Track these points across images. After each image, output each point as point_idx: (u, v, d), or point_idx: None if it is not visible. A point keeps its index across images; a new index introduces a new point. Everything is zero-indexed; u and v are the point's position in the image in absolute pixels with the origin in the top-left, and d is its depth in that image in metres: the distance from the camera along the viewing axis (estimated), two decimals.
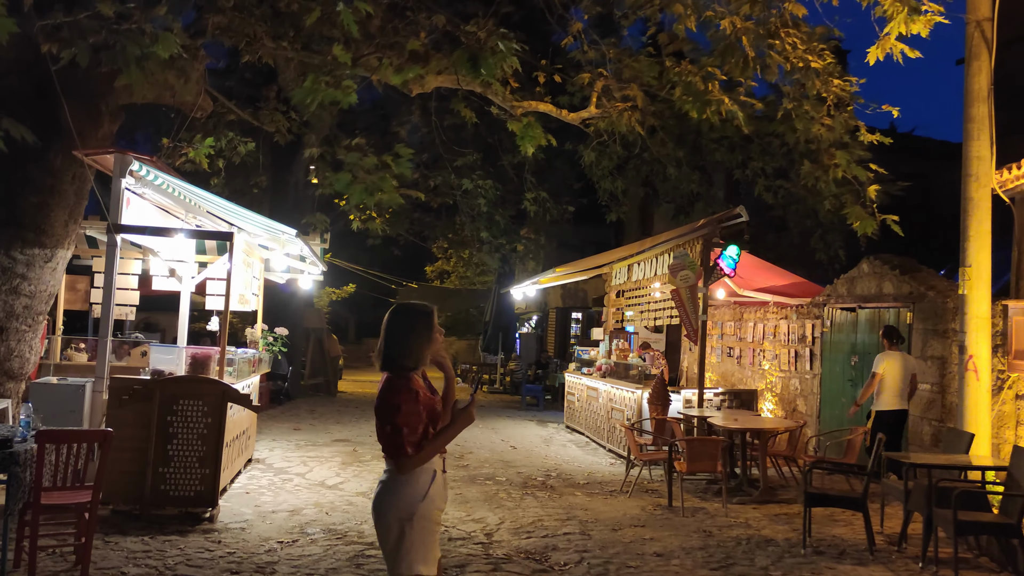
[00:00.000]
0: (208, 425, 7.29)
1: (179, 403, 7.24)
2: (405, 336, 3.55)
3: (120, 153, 7.53)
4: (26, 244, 7.77)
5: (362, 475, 9.68)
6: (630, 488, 9.30)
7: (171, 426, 7.22)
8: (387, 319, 3.61)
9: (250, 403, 7.37)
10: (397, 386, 3.47)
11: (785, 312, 12.14)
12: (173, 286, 10.21)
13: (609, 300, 15.84)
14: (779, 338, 12.29)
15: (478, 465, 10.70)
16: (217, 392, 7.33)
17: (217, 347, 7.81)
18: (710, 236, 11.12)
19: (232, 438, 8.27)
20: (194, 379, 7.35)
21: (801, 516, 8.08)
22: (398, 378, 3.50)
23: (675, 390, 11.25)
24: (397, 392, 3.45)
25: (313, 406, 17.27)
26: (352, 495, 8.59)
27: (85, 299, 10.52)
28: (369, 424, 14.37)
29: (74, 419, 7.36)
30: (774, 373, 12.39)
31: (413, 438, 3.44)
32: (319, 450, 11.38)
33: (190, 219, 8.99)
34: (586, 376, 14.08)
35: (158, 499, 7.16)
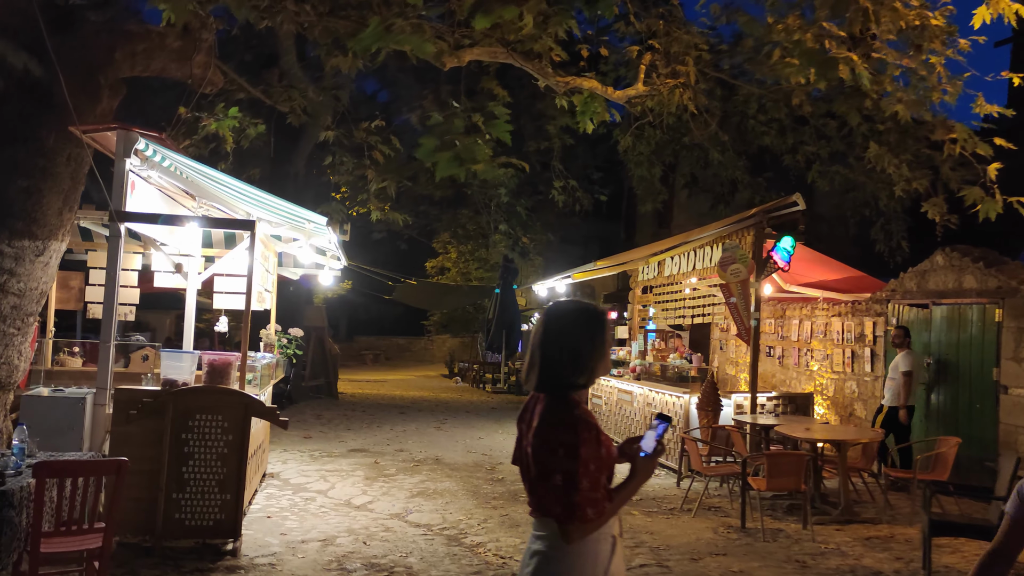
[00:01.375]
0: (229, 443, 6.30)
1: (195, 418, 6.25)
2: (579, 343, 2.60)
3: (124, 129, 6.52)
4: (14, 235, 6.74)
5: (391, 492, 8.71)
6: (692, 506, 8.38)
7: (186, 445, 6.23)
8: (549, 320, 2.66)
9: (276, 417, 6.39)
10: (571, 418, 2.51)
11: (838, 309, 11.25)
12: (178, 283, 9.19)
13: (634, 297, 14.92)
14: (831, 337, 11.41)
15: (513, 479, 9.74)
16: (239, 405, 6.34)
17: (234, 352, 6.81)
18: (762, 226, 10.24)
19: (250, 455, 7.30)
20: (213, 390, 6.36)
21: (899, 541, 7.21)
22: (569, 406, 2.55)
23: (724, 394, 10.33)
24: (572, 427, 2.49)
25: (318, 410, 16.25)
26: (386, 518, 7.62)
27: (79, 298, 9.47)
28: (384, 431, 13.40)
29: (72, 438, 6.35)
30: (825, 375, 11.50)
31: (594, 494, 2.48)
32: (336, 462, 10.39)
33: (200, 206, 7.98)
34: (616, 378, 13.15)
35: (172, 529, 6.17)
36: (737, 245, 10.30)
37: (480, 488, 9.07)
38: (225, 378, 6.55)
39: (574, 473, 2.44)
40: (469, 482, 9.40)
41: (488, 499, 8.53)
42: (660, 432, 2.65)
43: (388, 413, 16.27)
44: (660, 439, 2.64)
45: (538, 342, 2.65)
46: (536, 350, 2.64)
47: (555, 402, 2.57)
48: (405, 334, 44.93)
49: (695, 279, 12.49)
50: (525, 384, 2.71)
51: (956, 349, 9.22)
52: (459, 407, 18.20)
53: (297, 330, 9.62)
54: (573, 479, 2.44)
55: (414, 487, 9.00)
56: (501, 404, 19.52)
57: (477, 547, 6.78)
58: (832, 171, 10.60)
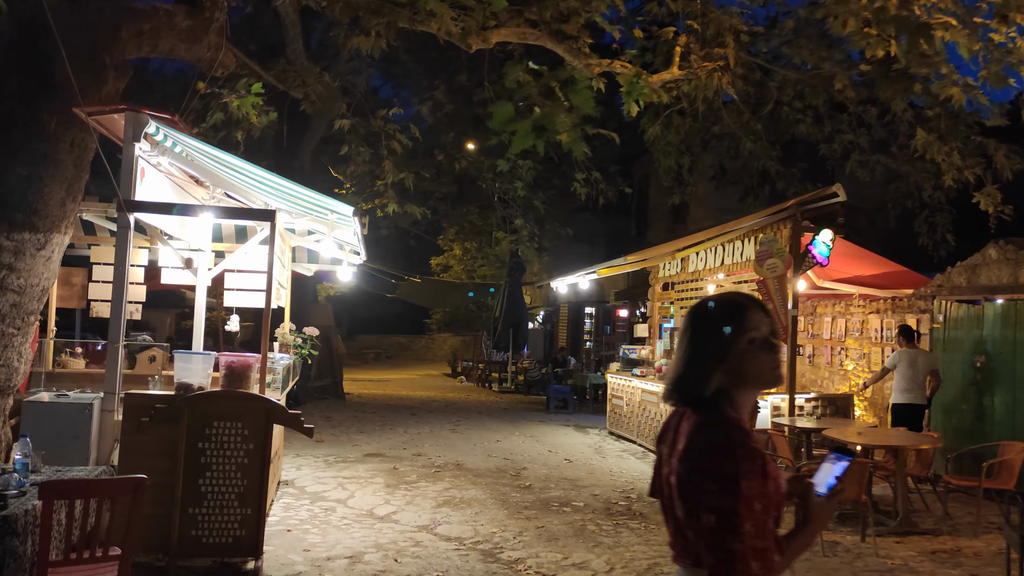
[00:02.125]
0: (249, 453, 5.78)
1: (213, 425, 5.73)
2: (735, 345, 2.07)
3: (133, 111, 6.01)
4: (14, 227, 6.21)
5: (415, 502, 8.18)
6: None
7: (203, 455, 5.70)
8: (697, 318, 2.14)
9: (301, 424, 5.87)
10: (729, 441, 1.97)
11: (876, 305, 10.74)
12: (186, 280, 8.66)
13: (654, 294, 14.41)
14: (868, 335, 10.91)
15: (541, 485, 9.23)
16: (260, 411, 5.82)
17: (251, 353, 6.29)
18: (799, 219, 9.74)
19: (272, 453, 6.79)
20: (232, 395, 5.83)
21: (967, 555, 6.72)
22: (726, 424, 2.02)
23: (760, 396, 9.82)
24: (730, 453, 1.94)
25: (326, 411, 15.73)
26: (413, 530, 7.10)
27: (81, 295, 8.93)
28: (397, 433, 12.88)
29: (78, 447, 5.82)
30: (861, 375, 11.00)
31: (760, 543, 1.92)
32: (353, 468, 9.87)
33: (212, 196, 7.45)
34: (639, 378, 12.64)
35: (188, 547, 5.65)
36: (774, 239, 9.81)
37: (509, 497, 8.55)
38: (244, 381, 6.02)
39: (734, 514, 1.90)
40: (496, 490, 8.88)
41: (519, 508, 8.01)
42: (840, 469, 2.13)
43: (399, 414, 15.75)
44: (841, 477, 2.12)
45: (684, 345, 2.13)
46: (681, 354, 2.12)
47: (707, 419, 2.04)
48: (406, 333, 44.45)
49: (722, 275, 12.00)
50: (667, 397, 2.19)
51: (1012, 347, 8.71)
52: (470, 408, 17.69)
53: (312, 329, 9.09)
54: (732, 522, 1.90)
55: (439, 495, 8.48)
56: (512, 404, 19.01)
57: (516, 564, 6.27)
58: (872, 160, 10.09)
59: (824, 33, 9.16)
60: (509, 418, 15.97)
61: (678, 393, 2.13)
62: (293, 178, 15.83)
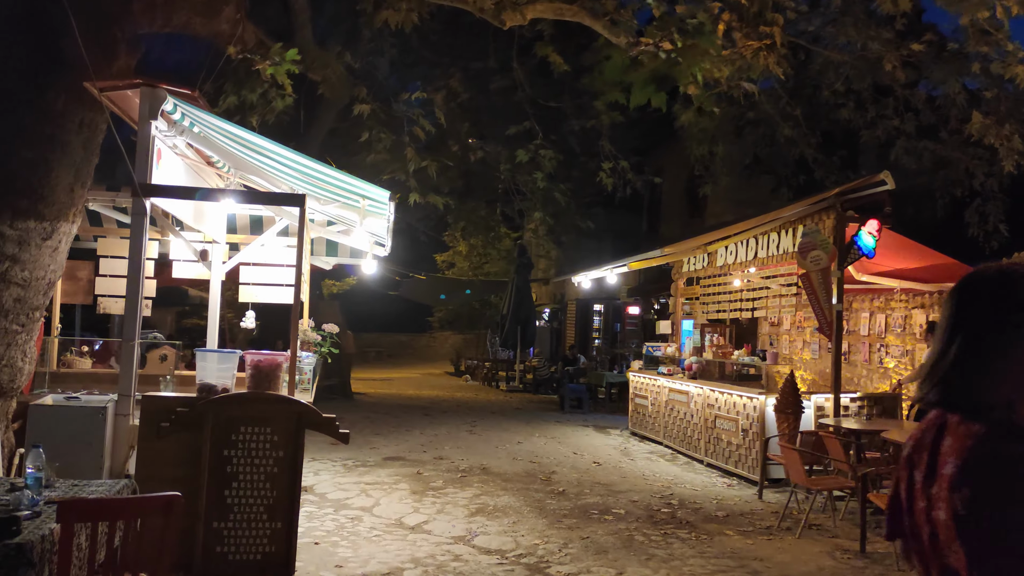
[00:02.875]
0: (279, 461, 5.26)
1: (240, 431, 5.21)
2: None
3: (150, 86, 5.48)
4: (17, 215, 5.69)
5: (446, 510, 7.67)
6: (790, 524, 7.39)
7: (229, 463, 5.18)
8: (964, 296, 1.62)
9: (336, 429, 5.35)
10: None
11: (921, 300, 10.25)
12: (200, 273, 8.14)
13: (677, 289, 13.91)
14: (911, 331, 10.41)
15: (576, 491, 8.72)
16: (290, 415, 5.30)
17: (280, 352, 5.76)
18: (844, 209, 9.25)
19: None
20: (261, 398, 5.31)
21: None
22: (1019, 442, 1.49)
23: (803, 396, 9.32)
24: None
25: (336, 412, 14.94)
26: (449, 542, 6.58)
27: (87, 291, 8.39)
28: (414, 435, 12.36)
29: (91, 456, 5.30)
30: (904, 372, 10.50)
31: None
32: (374, 472, 9.36)
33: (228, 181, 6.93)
34: (665, 377, 12.13)
35: (213, 565, 5.12)
36: (817, 230, 9.31)
37: (545, 504, 8.04)
38: (273, 382, 5.50)
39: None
40: (529, 496, 8.37)
41: (558, 517, 7.50)
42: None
43: (411, 415, 15.23)
44: None
45: (948, 331, 1.61)
46: (952, 345, 1.59)
47: (994, 431, 1.51)
48: (406, 331, 43.99)
49: (753, 269, 11.50)
50: (921, 399, 1.66)
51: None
52: (482, 408, 17.18)
53: (332, 326, 8.55)
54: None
55: (470, 503, 7.97)
56: (523, 404, 18.52)
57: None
58: (920, 147, 9.59)
59: (871, 12, 8.67)
60: (524, 418, 15.46)
61: (945, 395, 1.60)
62: None
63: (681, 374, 11.97)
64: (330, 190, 6.08)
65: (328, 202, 6.15)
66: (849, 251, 9.17)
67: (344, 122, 10.72)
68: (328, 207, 6.21)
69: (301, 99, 9.27)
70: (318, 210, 6.52)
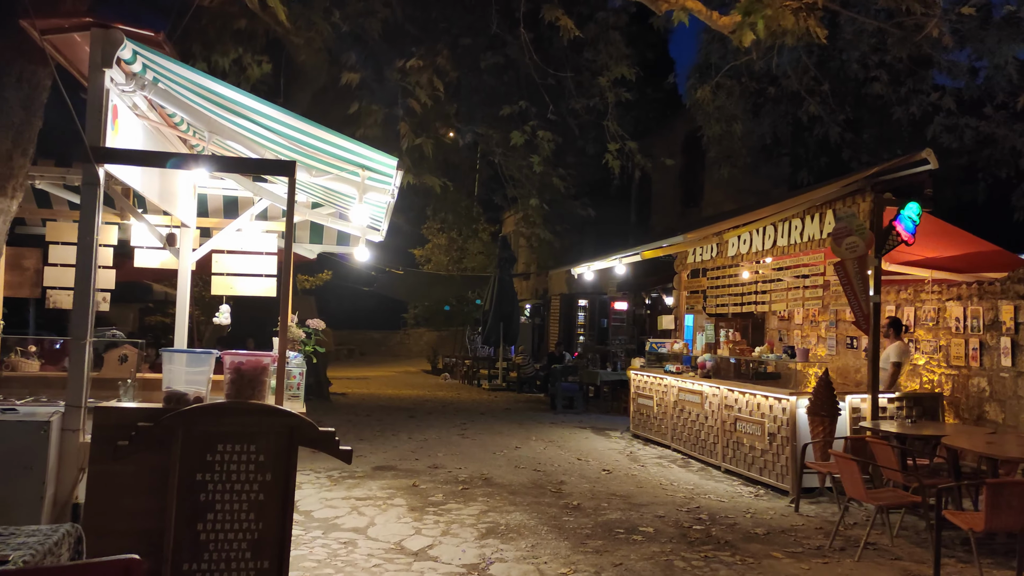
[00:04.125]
0: (266, 486, 4.28)
1: (217, 450, 4.21)
2: None
3: (102, 27, 4.46)
4: None
5: (451, 530, 6.71)
6: (843, 542, 6.54)
7: (204, 490, 4.19)
8: None
9: (336, 447, 4.38)
10: None
11: (957, 291, 9.47)
12: (166, 262, 7.11)
13: (681, 282, 13.05)
14: (945, 324, 9.63)
15: (592, 504, 7.81)
16: (281, 429, 4.32)
17: (266, 352, 4.77)
18: (882, 190, 8.44)
19: None
20: (244, 408, 4.32)
21: None
22: None
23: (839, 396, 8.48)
24: None
25: (315, 416, 13.91)
26: (461, 572, 5.63)
27: (35, 282, 7.30)
28: (401, 440, 11.39)
29: (30, 483, 4.28)
30: (937, 370, 9.73)
31: None
32: (364, 486, 8.38)
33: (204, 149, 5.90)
34: (674, 375, 11.27)
35: None
36: (853, 214, 8.49)
37: (562, 521, 7.11)
38: (257, 389, 4.52)
39: None
40: (541, 511, 7.44)
41: (581, 538, 6.57)
42: None
43: (395, 417, 14.23)
44: None
45: None
46: None
47: None
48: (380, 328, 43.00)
49: (770, 259, 10.67)
50: None
51: None
52: (469, 409, 16.21)
53: (318, 322, 7.56)
54: None
55: (477, 521, 7.02)
56: (511, 404, 17.59)
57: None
58: (961, 123, 8.78)
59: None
60: (516, 420, 14.53)
61: None
62: None
63: (691, 372, 11.11)
64: (324, 160, 5.11)
65: (321, 173, 5.17)
66: (887, 237, 8.36)
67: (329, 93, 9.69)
68: (321, 179, 5.22)
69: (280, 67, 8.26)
70: (309, 184, 5.54)
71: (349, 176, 5.16)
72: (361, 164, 4.97)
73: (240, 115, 4.86)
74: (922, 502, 6.23)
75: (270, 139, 5.04)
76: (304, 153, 5.07)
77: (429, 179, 9.27)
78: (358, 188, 5.08)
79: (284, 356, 4.55)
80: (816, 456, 8.04)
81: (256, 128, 4.98)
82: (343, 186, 5.26)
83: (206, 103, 4.84)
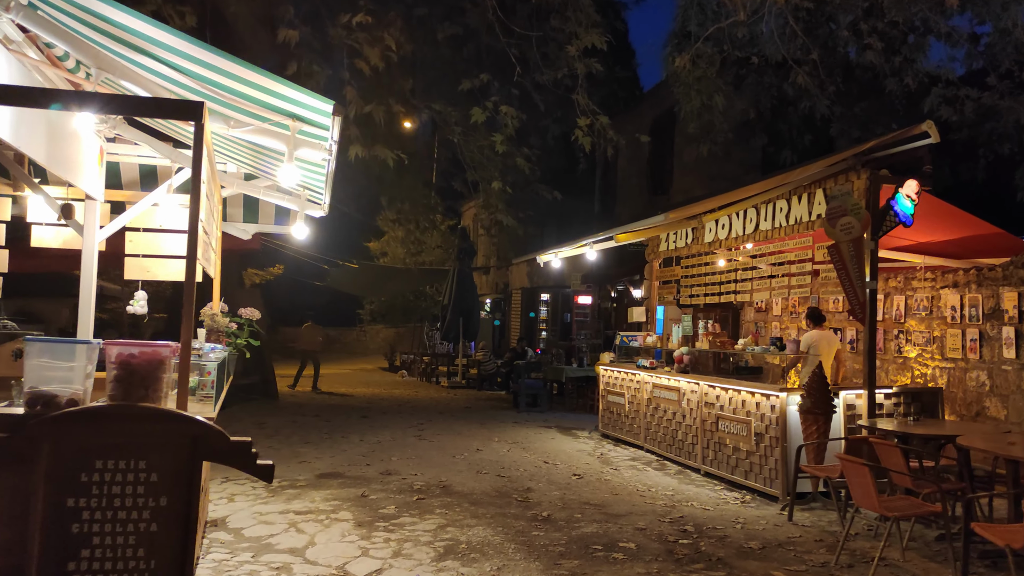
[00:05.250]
0: (160, 513, 3.34)
1: (95, 468, 3.27)
2: None
3: None
4: None
5: (404, 550, 5.80)
6: (853, 560, 5.77)
7: (77, 519, 3.24)
8: None
9: (253, 461, 3.45)
10: None
11: (953, 278, 8.80)
12: (67, 239, 6.09)
13: (652, 271, 12.26)
14: (940, 314, 8.96)
15: (564, 516, 6.95)
16: (180, 441, 3.38)
17: (165, 343, 3.80)
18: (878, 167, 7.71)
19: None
20: (131, 414, 3.36)
21: None
22: None
23: None
24: None
25: (257, 415, 13.12)
26: None
27: None
28: (352, 443, 10.44)
29: None
30: (930, 363, 9.06)
31: None
32: (306, 496, 7.41)
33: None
34: (647, 370, 10.47)
35: None
36: (848, 192, 7.74)
37: (531, 537, 6.23)
38: (153, 389, 3.56)
39: None
40: (507, 525, 6.56)
41: (554, 557, 5.70)
42: None
43: (347, 418, 13.24)
44: None
45: None
46: None
47: None
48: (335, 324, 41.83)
49: (750, 245, 9.92)
50: None
51: None
52: (427, 407, 15.28)
53: (252, 311, 6.61)
54: None
55: (435, 539, 6.11)
56: (471, 402, 16.70)
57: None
58: (961, 95, 8.07)
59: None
60: (477, 419, 13.64)
61: None
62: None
63: (666, 367, 10.32)
64: (245, 109, 4.15)
65: (240, 125, 4.22)
66: (885, 218, 7.63)
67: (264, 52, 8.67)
68: (240, 131, 4.26)
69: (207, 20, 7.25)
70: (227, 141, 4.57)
71: (276, 129, 4.22)
72: (290, 113, 4.03)
73: (137, 48, 3.89)
74: (942, 512, 5.46)
75: (175, 80, 4.07)
76: (220, 100, 4.11)
77: (380, 150, 8.34)
78: (287, 143, 4.15)
79: (188, 346, 3.60)
80: (809, 458, 7.29)
81: (158, 67, 4.01)
82: (271, 141, 4.32)
83: (93, 33, 3.86)
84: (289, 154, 4.13)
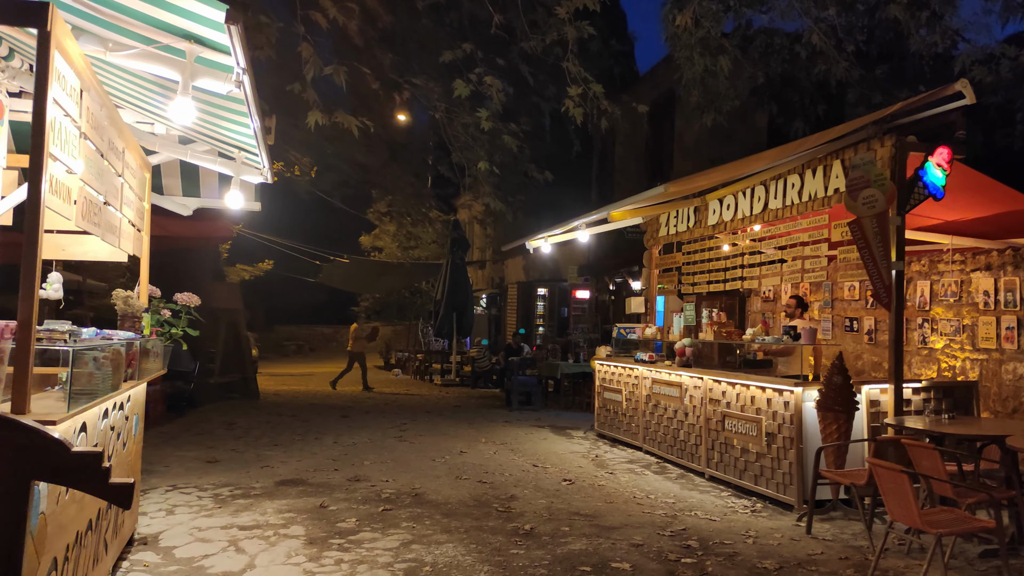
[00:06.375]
0: None
1: None
2: None
3: None
4: None
5: (357, 572, 4.91)
6: None
7: None
8: None
9: (103, 479, 2.58)
10: None
11: (986, 259, 7.91)
12: None
13: (651, 258, 11.38)
14: (971, 300, 8.08)
15: (550, 529, 6.06)
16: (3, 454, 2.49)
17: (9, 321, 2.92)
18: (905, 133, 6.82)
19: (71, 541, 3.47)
20: None
21: None
22: None
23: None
24: None
25: (230, 416, 12.25)
26: None
27: None
28: (325, 445, 9.56)
29: None
30: (960, 354, 8.17)
31: None
32: (257, 507, 6.53)
33: None
34: (647, 365, 9.59)
35: None
36: (871, 160, 6.84)
37: (508, 555, 5.35)
38: None
39: None
40: (482, 541, 5.68)
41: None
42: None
43: (326, 417, 12.37)
44: None
45: None
46: None
47: None
48: (330, 322, 41.11)
49: (759, 226, 9.05)
50: None
51: None
52: (414, 406, 14.41)
53: (189, 296, 5.73)
54: None
55: (395, 559, 5.22)
56: (462, 400, 15.82)
57: None
58: (997, 53, 7.19)
59: None
60: (466, 418, 12.77)
61: None
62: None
63: (667, 361, 9.45)
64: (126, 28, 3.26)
65: (120, 48, 3.33)
66: (913, 190, 6.73)
67: None
68: (121, 55, 3.38)
69: None
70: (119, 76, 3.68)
71: (169, 55, 3.33)
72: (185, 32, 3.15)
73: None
74: (996, 528, 4.58)
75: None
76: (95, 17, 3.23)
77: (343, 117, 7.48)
78: (182, 72, 3.28)
79: (29, 327, 2.72)
80: (828, 462, 6.41)
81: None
82: (165, 70, 3.44)
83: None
84: (184, 84, 3.26)
